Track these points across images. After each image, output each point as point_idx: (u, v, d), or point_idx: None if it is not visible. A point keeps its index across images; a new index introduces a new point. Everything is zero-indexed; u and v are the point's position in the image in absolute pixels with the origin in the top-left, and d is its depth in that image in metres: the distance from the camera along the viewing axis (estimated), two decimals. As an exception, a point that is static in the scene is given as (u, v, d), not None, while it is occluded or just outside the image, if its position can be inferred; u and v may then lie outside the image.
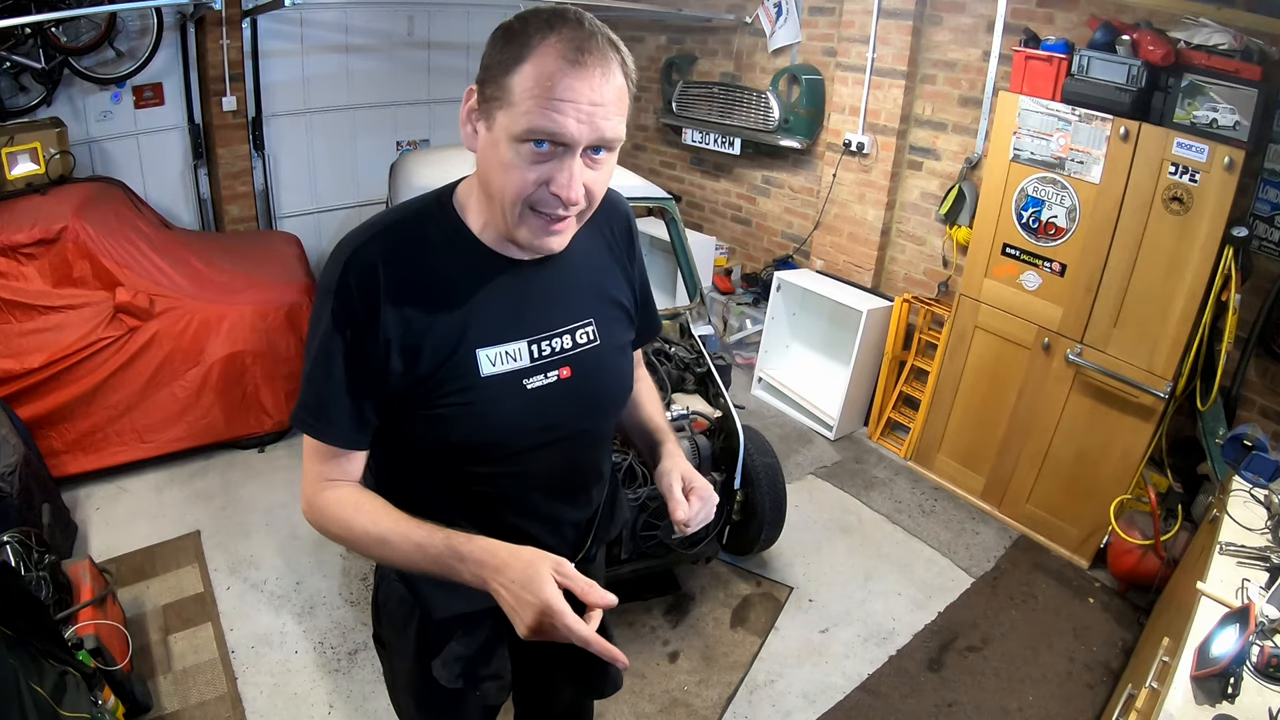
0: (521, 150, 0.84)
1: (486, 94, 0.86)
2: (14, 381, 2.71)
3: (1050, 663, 2.46)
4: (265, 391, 3.19)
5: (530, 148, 0.83)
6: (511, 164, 0.84)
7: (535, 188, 0.85)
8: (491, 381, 0.94)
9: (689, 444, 2.31)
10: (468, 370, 0.93)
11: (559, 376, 0.99)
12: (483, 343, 0.94)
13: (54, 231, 2.79)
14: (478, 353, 0.94)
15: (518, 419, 0.97)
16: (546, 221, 0.89)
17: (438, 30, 4.73)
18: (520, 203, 0.87)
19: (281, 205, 4.51)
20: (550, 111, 0.81)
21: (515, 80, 0.82)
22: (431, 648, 1.12)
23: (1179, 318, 2.55)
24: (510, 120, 0.83)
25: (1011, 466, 3.11)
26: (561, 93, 0.81)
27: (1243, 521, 1.91)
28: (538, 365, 0.98)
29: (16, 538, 2.00)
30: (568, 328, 1.01)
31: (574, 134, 0.82)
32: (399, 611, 1.14)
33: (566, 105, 0.81)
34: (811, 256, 4.12)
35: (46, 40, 3.30)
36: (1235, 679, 1.36)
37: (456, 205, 0.97)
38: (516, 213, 0.88)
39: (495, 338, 0.95)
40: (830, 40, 3.86)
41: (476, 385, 0.94)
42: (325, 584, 2.60)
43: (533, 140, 0.83)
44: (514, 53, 0.83)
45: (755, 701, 2.28)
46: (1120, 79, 2.57)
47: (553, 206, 0.87)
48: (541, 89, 0.81)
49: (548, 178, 0.85)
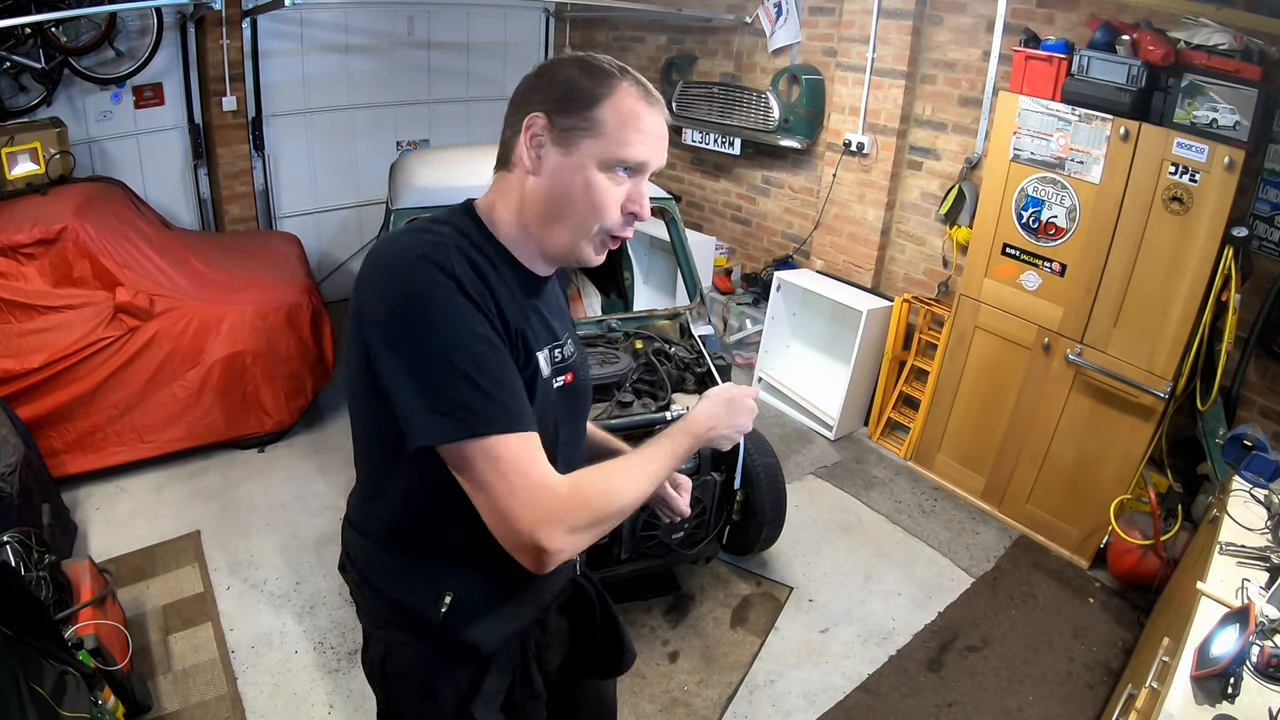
0: (609, 175, 0.95)
1: (566, 124, 0.93)
2: (14, 381, 2.71)
3: (1050, 663, 2.46)
4: (265, 391, 3.19)
5: (616, 173, 0.95)
6: (598, 186, 0.94)
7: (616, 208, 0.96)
8: (546, 383, 1.01)
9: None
10: (537, 370, 0.99)
11: (565, 381, 1.06)
12: (540, 344, 1.01)
13: (54, 231, 2.79)
14: (538, 354, 0.99)
15: (555, 419, 1.04)
16: (611, 240, 1.00)
17: (438, 30, 4.73)
18: (592, 223, 0.96)
19: (281, 205, 4.51)
20: (643, 143, 0.95)
21: (604, 114, 0.93)
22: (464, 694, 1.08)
23: (1179, 318, 2.55)
24: (601, 149, 0.93)
25: (1011, 466, 3.11)
26: (649, 126, 0.95)
27: (1243, 521, 1.91)
28: (556, 368, 1.05)
29: (16, 538, 2.00)
30: (562, 339, 1.08)
31: (657, 161, 0.98)
32: (420, 674, 1.08)
33: (650, 137, 0.96)
34: (811, 256, 4.12)
35: (46, 40, 3.30)
36: (1235, 679, 1.35)
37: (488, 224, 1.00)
38: (583, 233, 0.97)
39: (544, 341, 1.02)
40: (830, 40, 3.86)
41: (543, 384, 1.00)
42: (325, 584, 2.60)
43: (621, 167, 0.95)
44: (599, 88, 0.93)
45: (755, 701, 2.28)
46: (1120, 79, 2.57)
47: (623, 227, 0.99)
48: (630, 124, 0.93)
49: (625, 197, 0.97)
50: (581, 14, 5.01)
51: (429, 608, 1.02)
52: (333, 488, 3.10)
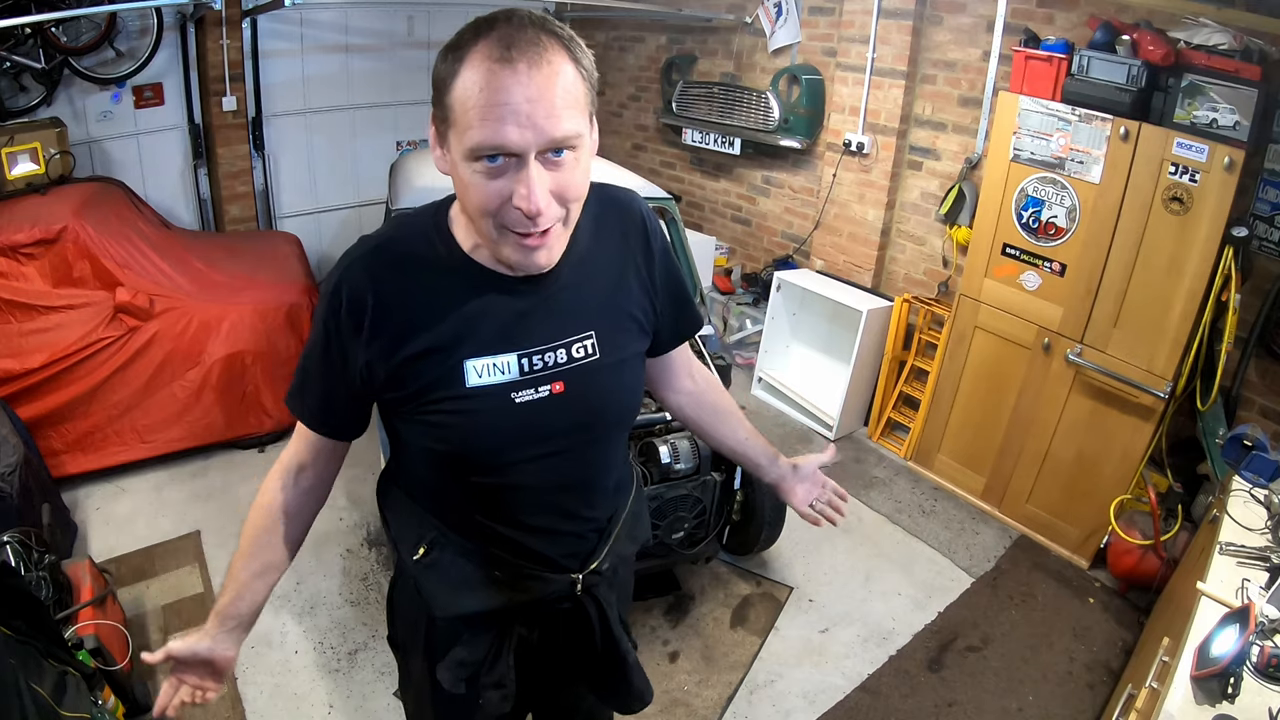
0: (475, 168, 0.81)
1: (437, 117, 0.84)
2: (14, 381, 2.71)
3: (1050, 663, 2.46)
4: (265, 391, 3.19)
5: (483, 164, 0.80)
6: (471, 183, 0.82)
7: (500, 204, 0.82)
8: (478, 393, 0.94)
9: (689, 444, 2.31)
10: (455, 380, 0.94)
11: (550, 391, 0.97)
12: (471, 355, 0.94)
13: (54, 231, 2.79)
14: (465, 364, 0.94)
15: (505, 431, 0.97)
16: (522, 238, 0.85)
17: (438, 30, 4.73)
18: (491, 223, 0.84)
19: (281, 205, 4.51)
20: (486, 121, 0.77)
21: (454, 97, 0.79)
22: (437, 650, 1.12)
23: (1179, 318, 2.55)
24: (457, 139, 0.81)
25: (1011, 466, 3.11)
26: (492, 96, 0.76)
27: (1243, 521, 1.91)
28: (527, 379, 0.96)
29: (16, 538, 2.00)
30: (562, 342, 0.98)
31: (516, 140, 0.78)
32: (411, 610, 1.17)
33: (501, 109, 0.76)
34: (811, 256, 4.12)
35: (46, 40, 3.30)
36: (1235, 679, 1.36)
37: (451, 223, 0.96)
38: (495, 234, 0.86)
39: (485, 351, 0.94)
40: (830, 40, 3.86)
41: (463, 395, 0.94)
42: (325, 584, 2.60)
43: (484, 156, 0.79)
44: (449, 68, 0.80)
45: (755, 701, 2.28)
46: (1120, 79, 2.57)
47: (521, 223, 0.83)
48: (474, 99, 0.77)
49: (508, 192, 0.81)
50: (581, 14, 5.00)
51: (409, 548, 1.09)
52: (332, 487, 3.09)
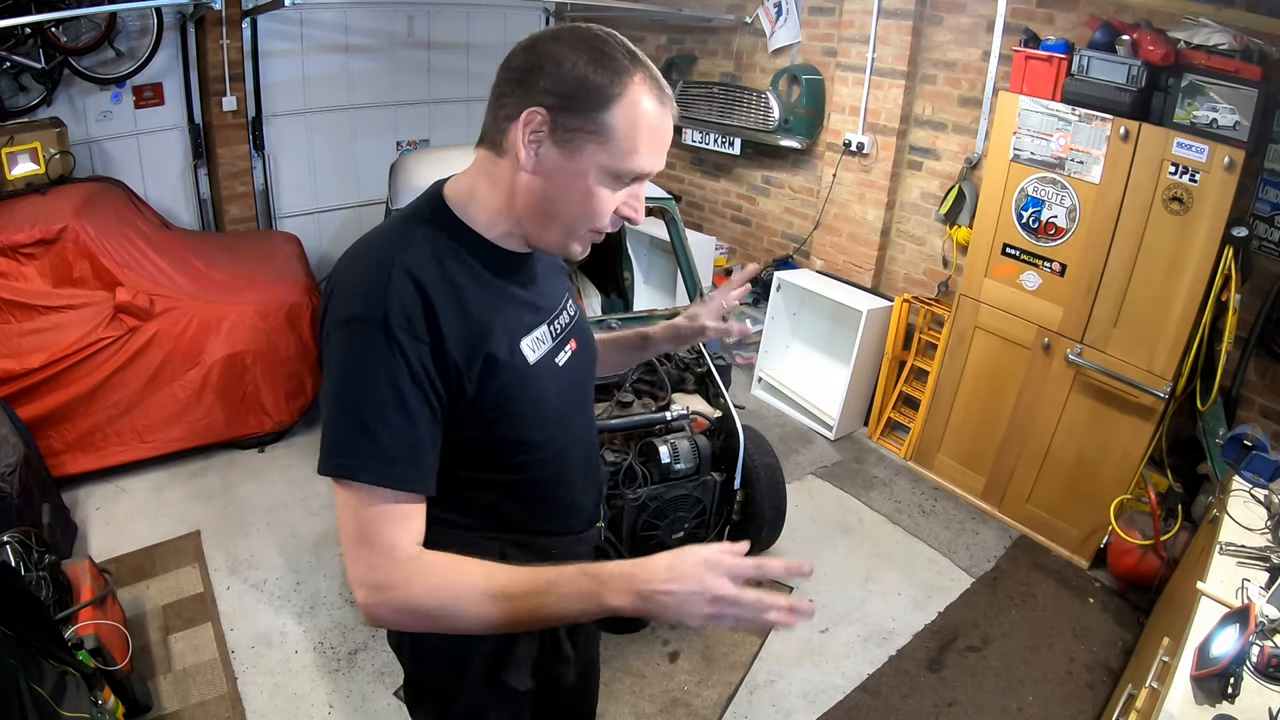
0: (614, 184, 0.90)
1: (571, 125, 0.85)
2: (14, 381, 2.71)
3: (1050, 663, 2.46)
4: (265, 391, 3.19)
5: (622, 181, 0.90)
6: (597, 195, 0.89)
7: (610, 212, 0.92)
8: (540, 368, 0.98)
9: (689, 444, 2.30)
10: (522, 364, 0.96)
11: (571, 349, 1.05)
12: (524, 333, 0.97)
13: (54, 231, 2.79)
14: (521, 345, 0.96)
15: (561, 396, 1.02)
16: (597, 235, 0.95)
17: (438, 30, 4.73)
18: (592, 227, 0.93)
19: (281, 205, 4.51)
20: (653, 153, 0.89)
21: (618, 116, 0.85)
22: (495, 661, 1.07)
23: (1179, 318, 2.55)
24: (608, 156, 0.86)
25: (1011, 466, 3.11)
26: (660, 133, 0.88)
27: (1243, 521, 1.91)
28: (558, 343, 1.03)
29: (16, 538, 2.00)
30: (560, 304, 1.07)
31: (657, 167, 0.91)
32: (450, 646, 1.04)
33: (662, 145, 0.90)
34: (811, 256, 4.12)
35: (46, 40, 3.30)
36: (1235, 679, 1.35)
37: (455, 209, 0.95)
38: (583, 233, 0.93)
39: (526, 327, 0.98)
40: (830, 40, 3.86)
41: (531, 376, 0.97)
42: (325, 584, 2.60)
43: (631, 178, 0.90)
44: (609, 87, 0.84)
45: (755, 701, 2.28)
46: (1120, 79, 2.57)
47: (612, 226, 0.94)
48: (644, 129, 0.86)
49: (618, 203, 0.92)
50: (581, 14, 4.99)
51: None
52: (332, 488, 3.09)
